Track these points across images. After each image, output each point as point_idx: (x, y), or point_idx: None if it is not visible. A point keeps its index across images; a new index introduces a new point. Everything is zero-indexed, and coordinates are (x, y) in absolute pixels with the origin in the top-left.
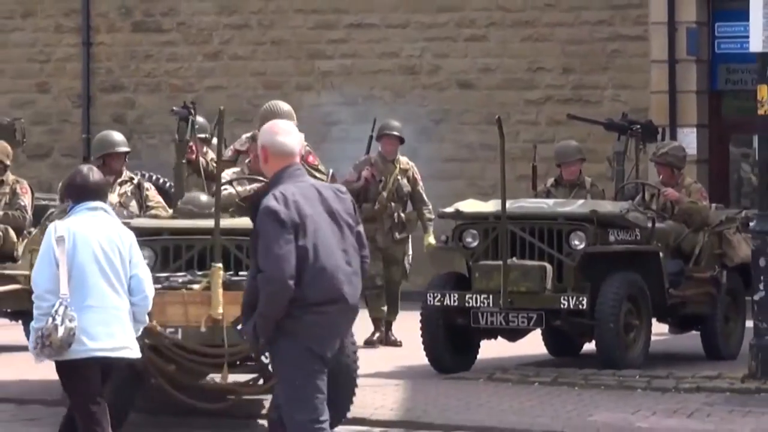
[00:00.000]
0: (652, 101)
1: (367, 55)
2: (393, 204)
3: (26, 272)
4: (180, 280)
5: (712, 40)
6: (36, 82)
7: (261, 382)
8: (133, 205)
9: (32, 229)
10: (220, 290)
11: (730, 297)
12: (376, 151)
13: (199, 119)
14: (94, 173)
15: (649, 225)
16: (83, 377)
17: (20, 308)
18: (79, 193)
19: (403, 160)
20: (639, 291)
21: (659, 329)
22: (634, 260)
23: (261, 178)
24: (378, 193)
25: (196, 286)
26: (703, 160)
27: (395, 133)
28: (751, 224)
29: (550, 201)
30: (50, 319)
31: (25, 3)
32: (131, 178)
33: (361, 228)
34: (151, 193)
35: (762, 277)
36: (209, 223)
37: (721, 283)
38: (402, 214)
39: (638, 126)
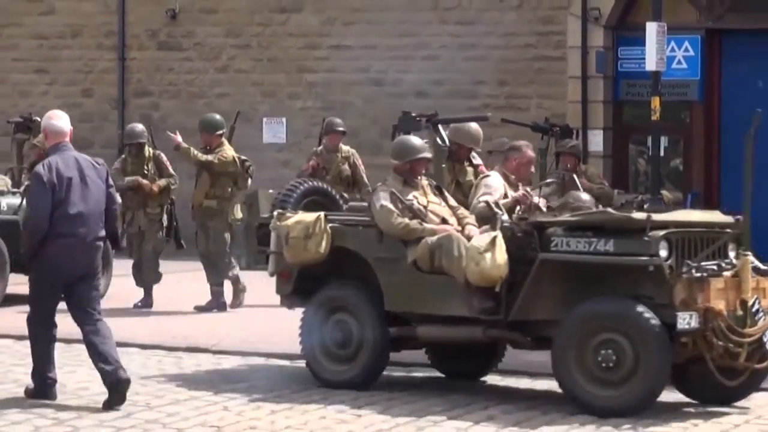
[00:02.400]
0: (569, 109)
1: (344, 70)
2: (336, 187)
3: None
4: (714, 267)
5: (616, 60)
6: (81, 88)
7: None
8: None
9: None
10: (750, 276)
11: None
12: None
13: (214, 117)
14: None
15: None
16: None
17: None
18: None
19: (345, 149)
20: None
21: None
22: None
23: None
24: (324, 178)
25: (726, 273)
26: (608, 156)
27: (340, 128)
28: (646, 206)
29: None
30: None
31: (73, 26)
32: (430, 181)
33: (112, 190)
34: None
35: None
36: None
37: None
38: (344, 196)
39: (557, 128)
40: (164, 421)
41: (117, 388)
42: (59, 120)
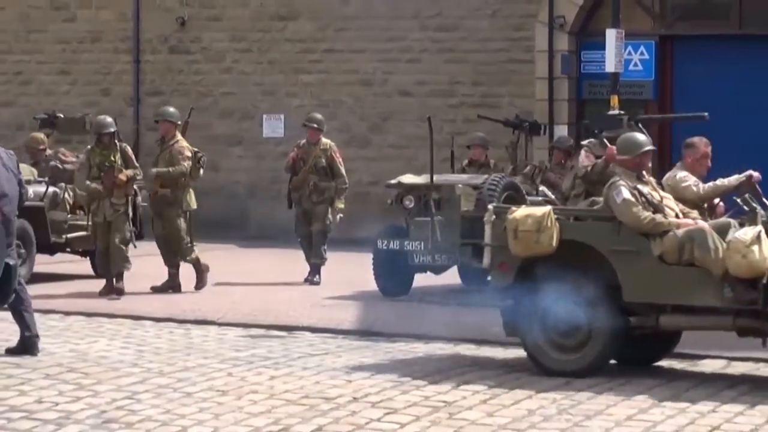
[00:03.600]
0: (537, 106)
1: (336, 72)
2: (311, 176)
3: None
4: None
5: (579, 63)
6: (100, 88)
7: None
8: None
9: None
10: None
11: None
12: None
13: (170, 109)
14: None
15: (534, 193)
16: None
17: (88, 248)
18: None
19: (324, 142)
20: None
21: None
22: None
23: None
24: (301, 168)
25: None
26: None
27: (314, 125)
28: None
29: (464, 176)
30: None
31: (93, 32)
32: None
33: (21, 177)
34: None
35: None
36: None
37: None
38: (319, 184)
39: (527, 123)
40: (175, 386)
41: (32, 350)
42: None
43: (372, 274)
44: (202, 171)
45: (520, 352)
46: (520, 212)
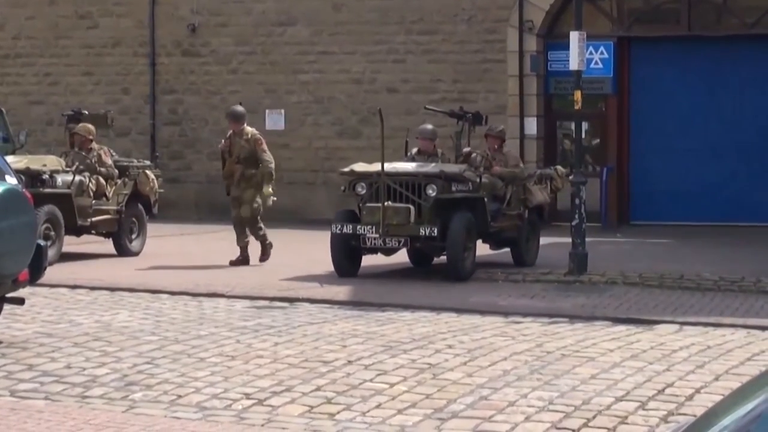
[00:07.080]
0: (509, 101)
1: (330, 71)
2: (236, 165)
3: (114, 207)
4: None
5: (546, 62)
6: (121, 87)
7: None
8: None
9: (117, 180)
10: None
11: (530, 226)
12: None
13: None
14: None
15: (478, 180)
16: None
17: (110, 230)
18: None
19: (247, 131)
20: (469, 222)
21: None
22: (467, 203)
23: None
24: (229, 157)
25: None
26: (540, 138)
27: (231, 118)
28: (571, 177)
29: (414, 164)
30: None
31: (115, 37)
32: None
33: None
34: None
35: (576, 211)
36: None
37: (524, 218)
38: (245, 172)
39: (469, 114)
40: (189, 352)
41: None
42: None
43: (319, 254)
44: None
45: (495, 319)
46: None
